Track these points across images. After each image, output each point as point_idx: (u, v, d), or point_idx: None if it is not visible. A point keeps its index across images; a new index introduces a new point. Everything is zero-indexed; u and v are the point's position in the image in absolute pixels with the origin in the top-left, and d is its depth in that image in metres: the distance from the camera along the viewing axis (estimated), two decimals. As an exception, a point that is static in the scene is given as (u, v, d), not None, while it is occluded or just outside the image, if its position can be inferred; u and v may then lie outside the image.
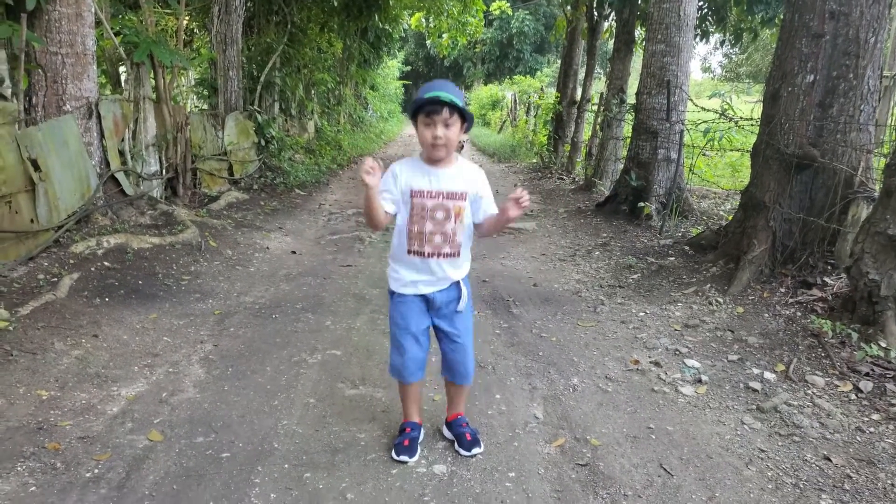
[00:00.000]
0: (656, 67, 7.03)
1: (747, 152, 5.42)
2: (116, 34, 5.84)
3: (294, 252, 5.81)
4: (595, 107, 10.81)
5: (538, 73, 28.31)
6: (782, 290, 4.24)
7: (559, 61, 16.05)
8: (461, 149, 2.41)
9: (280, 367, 3.29)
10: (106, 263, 4.47)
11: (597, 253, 5.91)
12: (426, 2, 14.11)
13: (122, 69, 7.51)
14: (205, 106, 9.47)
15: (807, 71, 4.38)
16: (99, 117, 5.26)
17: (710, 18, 10.44)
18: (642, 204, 6.77)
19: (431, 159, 2.31)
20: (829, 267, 4.34)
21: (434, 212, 2.30)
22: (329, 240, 6.40)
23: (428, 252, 2.33)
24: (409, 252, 2.35)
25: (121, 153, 5.64)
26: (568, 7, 11.68)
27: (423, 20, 17.85)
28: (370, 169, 2.18)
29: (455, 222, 2.32)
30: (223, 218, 6.51)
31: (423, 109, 2.20)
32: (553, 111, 12.60)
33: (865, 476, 2.44)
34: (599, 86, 16.05)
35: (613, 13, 10.26)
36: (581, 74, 12.33)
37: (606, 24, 11.23)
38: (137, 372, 3.17)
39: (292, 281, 4.88)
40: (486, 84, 30.94)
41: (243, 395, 2.97)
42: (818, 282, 4.21)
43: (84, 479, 2.28)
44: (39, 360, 3.13)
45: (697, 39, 10.51)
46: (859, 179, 4.26)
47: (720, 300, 4.28)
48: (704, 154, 7.86)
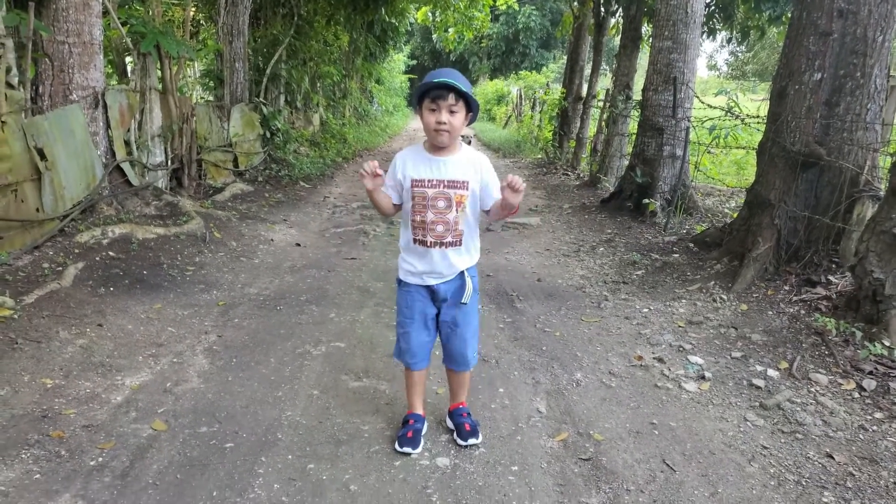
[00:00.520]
0: (663, 64, 7.00)
1: (753, 150, 5.40)
2: (123, 24, 5.84)
3: (298, 244, 5.82)
4: (601, 103, 10.78)
5: (544, 69, 28.21)
6: (786, 288, 4.23)
7: (565, 57, 16.00)
8: (468, 144, 2.41)
9: (284, 359, 3.30)
10: (111, 253, 4.49)
11: (601, 249, 5.90)
12: (433, -4, 14.07)
13: (129, 59, 7.52)
14: (210, 97, 9.48)
15: (814, 69, 4.36)
16: (105, 107, 5.26)
17: (718, 16, 10.39)
18: (647, 200, 6.75)
19: (435, 146, 2.31)
20: (834, 265, 4.33)
21: (435, 200, 2.30)
22: (333, 232, 6.41)
23: (430, 241, 2.33)
24: (415, 241, 2.36)
25: (126, 143, 5.65)
26: (575, 3, 11.63)
27: (430, 14, 17.79)
28: (365, 173, 2.23)
29: (457, 211, 2.32)
30: (228, 209, 6.52)
31: (429, 95, 2.20)
32: (558, 107, 12.57)
33: (868, 474, 2.44)
34: (605, 82, 16.01)
35: (620, 9, 10.22)
36: (587, 70, 12.28)
37: (613, 21, 11.19)
38: (142, 362, 3.18)
39: (296, 273, 4.89)
40: (492, 79, 30.87)
41: (247, 386, 2.98)
42: (822, 280, 4.20)
43: (88, 468, 2.29)
44: (44, 349, 3.14)
45: (704, 37, 10.45)
46: (865, 178, 4.25)
47: (724, 297, 4.27)
48: (710, 151, 7.84)
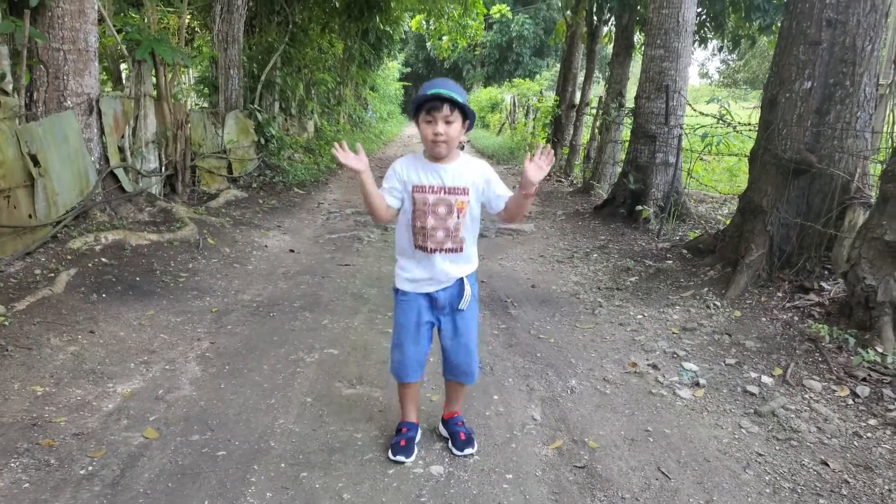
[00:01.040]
0: (655, 72, 7.05)
1: (745, 157, 5.44)
2: (119, 31, 5.84)
3: (292, 250, 5.80)
4: (594, 110, 10.84)
5: (537, 77, 28.35)
6: (780, 295, 4.25)
7: (558, 65, 16.09)
8: (461, 149, 2.41)
9: (277, 366, 3.29)
10: (103, 259, 4.46)
11: (595, 255, 5.92)
12: (427, 4, 14.13)
13: (124, 66, 7.51)
14: (205, 104, 9.47)
15: (804, 78, 4.40)
16: (99, 114, 5.25)
17: (709, 25, 10.48)
18: (640, 207, 6.78)
19: (433, 156, 2.31)
20: (826, 272, 4.35)
21: (436, 207, 2.30)
22: (327, 238, 6.40)
23: (431, 247, 2.32)
24: (415, 247, 2.35)
25: (120, 150, 5.63)
26: (568, 11, 11.71)
27: (424, 22, 17.88)
28: (344, 151, 2.17)
29: (458, 217, 2.31)
30: (222, 216, 6.50)
31: (425, 106, 2.20)
32: (552, 114, 12.62)
33: (863, 481, 2.44)
34: (598, 90, 16.08)
35: (613, 18, 10.29)
36: (580, 78, 12.35)
37: (606, 29, 11.26)
38: (133, 369, 3.16)
39: (290, 279, 4.88)
40: (486, 87, 30.97)
41: (240, 394, 2.96)
42: (815, 286, 4.22)
43: (78, 476, 2.26)
44: (35, 356, 3.12)
45: (696, 45, 10.54)
46: (856, 185, 4.28)
47: (718, 304, 4.29)
48: (702, 158, 7.89)
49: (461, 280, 2.39)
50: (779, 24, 6.18)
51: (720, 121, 6.00)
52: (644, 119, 7.17)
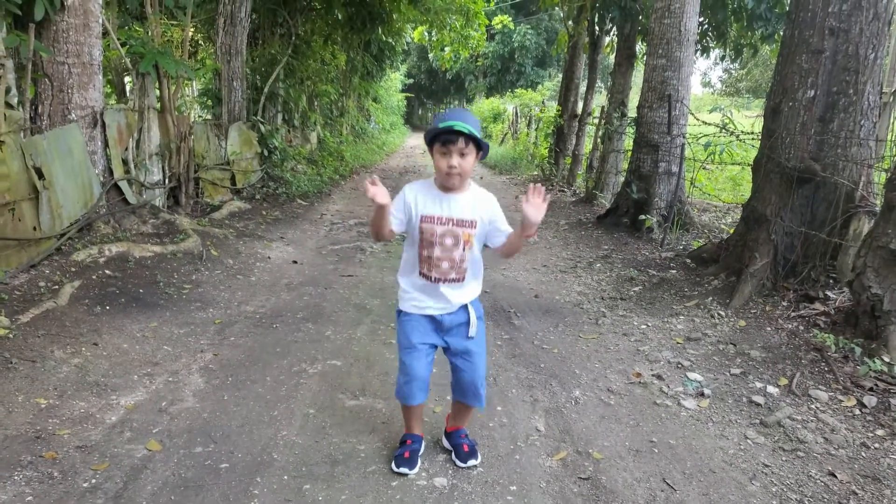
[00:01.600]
0: (657, 81, 7.07)
1: (748, 166, 5.43)
2: (123, 45, 5.89)
3: (295, 262, 5.81)
4: (596, 120, 10.86)
5: (539, 87, 28.44)
6: (784, 304, 4.23)
7: (560, 75, 16.15)
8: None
9: (280, 377, 3.28)
10: (107, 272, 4.47)
11: (598, 265, 5.90)
12: (429, 16, 14.21)
13: (128, 79, 7.56)
14: (208, 116, 9.52)
15: (807, 86, 4.41)
16: (104, 126, 5.28)
17: (711, 34, 10.52)
18: (643, 217, 6.77)
19: (445, 186, 2.31)
20: (832, 281, 4.33)
21: (443, 238, 2.30)
22: (330, 250, 6.40)
23: (435, 277, 2.33)
24: (420, 274, 2.36)
25: (124, 162, 5.66)
26: (570, 22, 11.76)
27: (426, 34, 17.98)
28: (374, 185, 2.17)
29: (463, 249, 2.32)
30: (225, 227, 6.52)
31: (440, 138, 2.20)
32: (554, 124, 12.65)
33: (871, 493, 2.41)
34: (600, 99, 16.13)
35: (615, 28, 10.33)
36: (582, 88, 12.39)
37: (608, 39, 11.30)
38: (137, 381, 3.15)
39: (293, 290, 4.88)
40: (488, 97, 31.08)
41: (243, 405, 2.95)
42: (820, 296, 4.20)
43: (81, 489, 2.26)
44: (39, 368, 3.12)
45: (698, 54, 10.57)
46: (860, 194, 4.27)
47: (722, 313, 4.27)
48: (705, 167, 7.89)
49: (465, 306, 2.39)
50: (781, 33, 6.18)
51: (723, 130, 6.00)
52: (646, 128, 7.18)
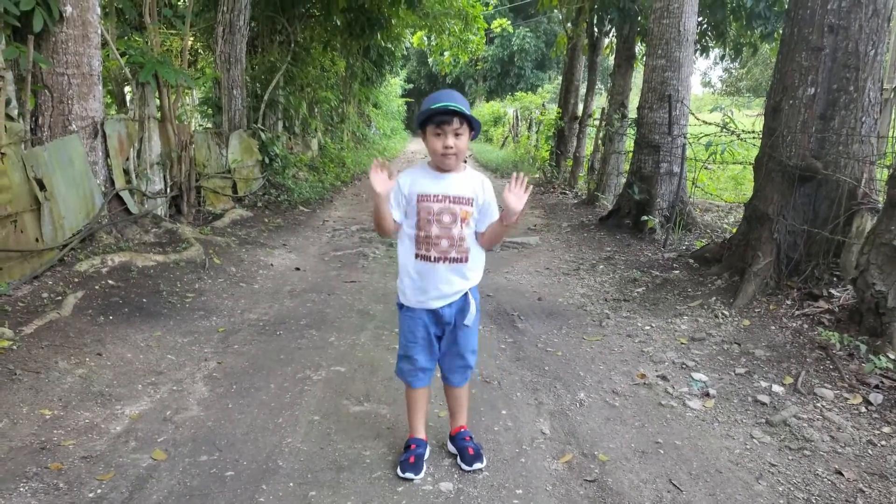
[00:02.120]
0: (657, 82, 7.07)
1: (749, 165, 5.42)
2: (122, 55, 5.91)
3: (298, 269, 5.81)
4: (596, 122, 10.86)
5: (539, 90, 28.47)
6: (788, 303, 4.21)
7: (560, 77, 16.16)
8: (465, 162, 2.42)
9: (284, 384, 3.28)
10: (110, 282, 4.48)
11: (601, 267, 5.90)
12: (428, 20, 14.25)
13: (128, 89, 7.59)
14: (209, 124, 9.55)
15: (807, 84, 4.40)
16: (104, 136, 5.30)
17: (710, 34, 10.52)
18: (646, 217, 6.76)
19: (441, 168, 2.32)
20: (835, 279, 4.32)
21: (440, 215, 2.30)
22: (333, 256, 6.40)
23: (434, 256, 2.32)
24: (417, 256, 2.34)
25: (125, 172, 5.68)
26: (569, 24, 11.78)
27: (425, 38, 18.02)
28: (378, 168, 2.18)
29: (462, 226, 2.31)
30: (227, 235, 6.52)
31: (434, 120, 2.21)
32: (555, 126, 12.66)
33: (878, 490, 2.40)
34: (601, 101, 16.13)
35: (614, 30, 10.34)
36: (582, 90, 12.40)
37: (607, 41, 11.32)
38: (141, 390, 3.15)
39: (296, 297, 4.88)
40: (488, 101, 31.14)
41: (247, 413, 2.95)
42: (824, 294, 4.18)
43: (87, 500, 2.26)
44: (43, 380, 3.12)
45: (697, 54, 10.58)
46: (863, 191, 4.26)
47: (726, 313, 4.26)
48: (707, 167, 7.87)
49: (465, 294, 2.38)
50: (780, 32, 6.18)
51: (724, 129, 5.99)
52: (647, 129, 7.18)
